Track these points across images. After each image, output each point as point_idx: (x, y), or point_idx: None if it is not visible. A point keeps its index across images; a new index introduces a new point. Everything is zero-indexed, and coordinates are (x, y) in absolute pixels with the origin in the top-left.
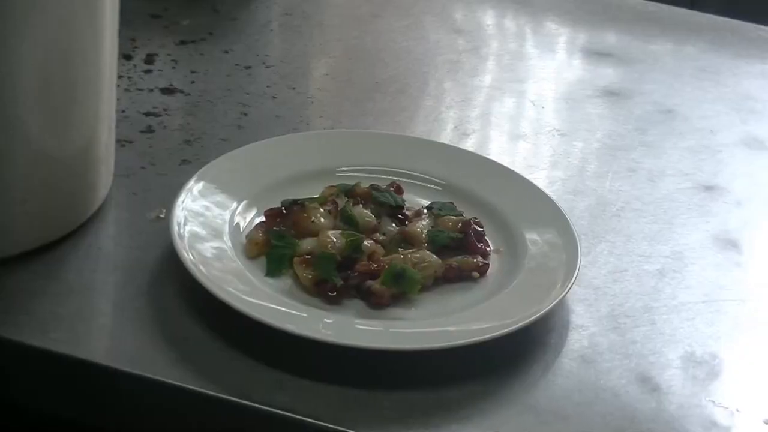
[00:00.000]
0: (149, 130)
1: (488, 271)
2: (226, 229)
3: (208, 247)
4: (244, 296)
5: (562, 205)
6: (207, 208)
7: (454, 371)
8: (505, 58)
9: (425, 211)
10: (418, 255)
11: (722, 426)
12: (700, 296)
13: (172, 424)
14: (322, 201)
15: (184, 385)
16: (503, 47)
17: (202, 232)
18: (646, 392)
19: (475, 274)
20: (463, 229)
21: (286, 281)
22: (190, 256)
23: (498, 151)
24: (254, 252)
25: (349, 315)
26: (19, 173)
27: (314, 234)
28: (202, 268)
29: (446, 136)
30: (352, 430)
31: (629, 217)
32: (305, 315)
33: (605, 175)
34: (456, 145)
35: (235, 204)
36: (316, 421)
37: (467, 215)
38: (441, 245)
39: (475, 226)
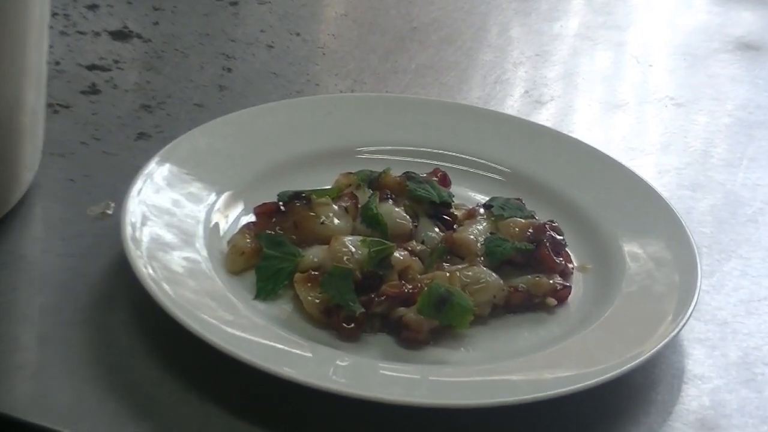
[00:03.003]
0: (93, 90)
1: (569, 298)
2: (201, 232)
3: (176, 258)
4: (224, 327)
5: (676, 205)
6: (174, 203)
7: None
8: None
9: (481, 210)
10: (470, 273)
11: None
12: None
13: None
14: (335, 194)
15: None
16: None
17: (167, 235)
18: None
19: (551, 301)
20: (535, 236)
21: (283, 307)
22: (150, 270)
23: (586, 128)
24: (240, 265)
25: (372, 356)
26: None
27: (324, 241)
28: (166, 287)
29: (512, 105)
30: None
31: None
32: (310, 355)
33: (737, 163)
34: (526, 118)
35: (213, 197)
36: None
37: (540, 217)
38: (503, 259)
39: (551, 232)
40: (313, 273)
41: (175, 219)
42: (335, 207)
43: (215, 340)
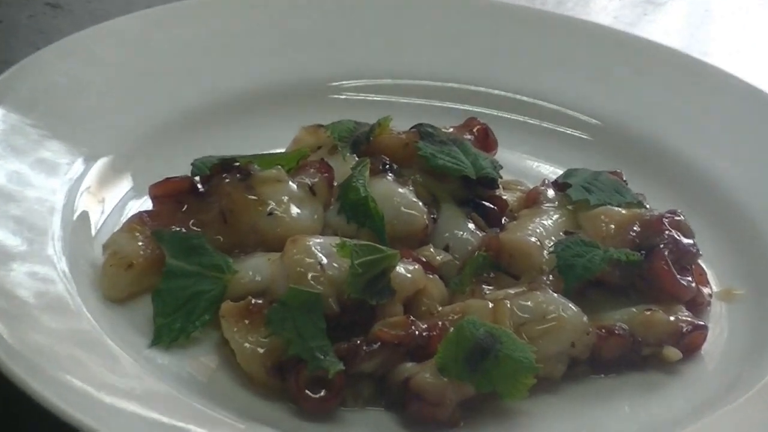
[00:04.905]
0: None
1: (704, 346)
2: (58, 227)
3: (16, 274)
4: (99, 395)
5: None
6: (12, 177)
7: None
8: None
9: (550, 192)
10: (529, 303)
11: None
12: None
13: None
14: (293, 162)
15: None
16: None
17: (1, 234)
18: None
19: (673, 352)
20: (646, 239)
21: (201, 360)
22: None
23: (734, 48)
24: (125, 286)
25: None
26: None
27: (273, 244)
28: (1, 328)
29: (604, 7)
30: None
31: None
32: None
33: None
34: (628, 31)
35: (79, 166)
36: None
37: (654, 206)
38: (588, 279)
39: (673, 232)
40: (254, 302)
41: (15, 206)
42: (293, 185)
43: (83, 419)
